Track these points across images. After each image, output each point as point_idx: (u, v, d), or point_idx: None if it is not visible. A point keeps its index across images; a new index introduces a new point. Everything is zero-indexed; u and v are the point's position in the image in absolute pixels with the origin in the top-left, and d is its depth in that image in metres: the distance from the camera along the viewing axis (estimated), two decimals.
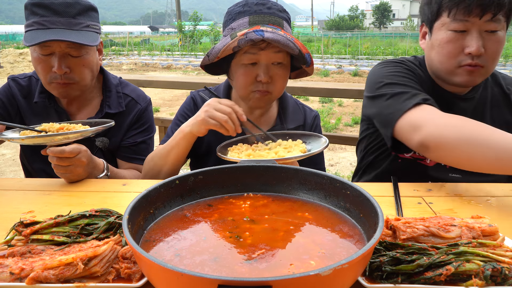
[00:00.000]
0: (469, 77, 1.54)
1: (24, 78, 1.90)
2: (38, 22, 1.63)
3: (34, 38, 1.60)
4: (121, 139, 1.88)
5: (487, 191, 1.38)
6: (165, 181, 0.96)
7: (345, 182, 0.93)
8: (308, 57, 1.53)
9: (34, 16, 1.64)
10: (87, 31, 1.69)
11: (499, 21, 1.46)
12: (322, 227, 0.89)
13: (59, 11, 1.64)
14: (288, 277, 0.59)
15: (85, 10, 1.70)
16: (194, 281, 0.61)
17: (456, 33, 1.50)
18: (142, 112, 1.93)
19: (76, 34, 1.64)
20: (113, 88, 1.90)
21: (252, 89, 1.57)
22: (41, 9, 1.63)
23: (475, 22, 1.46)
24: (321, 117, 8.37)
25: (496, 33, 1.48)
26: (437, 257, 0.83)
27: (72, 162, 1.47)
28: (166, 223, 0.92)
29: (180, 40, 33.35)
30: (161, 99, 10.87)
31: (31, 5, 1.65)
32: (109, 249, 0.87)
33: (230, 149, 1.49)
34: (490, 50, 1.49)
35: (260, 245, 0.81)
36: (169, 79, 4.32)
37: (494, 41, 1.48)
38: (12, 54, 19.31)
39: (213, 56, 1.55)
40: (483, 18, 1.45)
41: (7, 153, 6.28)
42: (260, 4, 1.56)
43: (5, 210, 1.29)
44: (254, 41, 1.44)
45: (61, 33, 1.62)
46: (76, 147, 1.48)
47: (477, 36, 1.47)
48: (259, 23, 1.52)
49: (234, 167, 1.06)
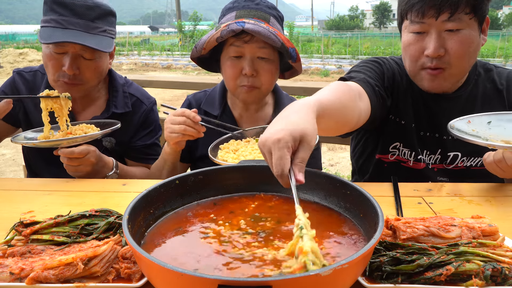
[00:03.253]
0: (432, 82, 1.51)
1: (29, 72, 1.89)
2: (56, 20, 1.63)
3: (51, 36, 1.60)
4: (128, 139, 1.89)
5: (487, 191, 1.38)
6: (165, 181, 0.96)
7: (345, 182, 0.93)
8: (293, 52, 1.56)
9: (53, 13, 1.64)
10: (103, 36, 1.69)
11: (459, 20, 1.41)
12: (322, 227, 0.89)
13: (79, 13, 1.64)
14: (288, 277, 0.59)
15: (104, 15, 1.70)
16: (194, 281, 0.61)
17: (416, 35, 1.48)
18: (148, 112, 1.94)
19: (92, 38, 1.64)
20: (120, 88, 1.90)
21: (239, 83, 1.62)
22: (61, 7, 1.63)
23: (432, 23, 1.43)
24: None
25: (459, 31, 1.42)
26: (437, 257, 0.83)
27: (81, 162, 1.56)
28: (166, 223, 0.92)
29: (180, 40, 33.33)
30: (161, 99, 10.86)
31: (51, 1, 1.65)
32: (109, 249, 0.87)
33: (221, 147, 1.52)
34: (453, 50, 1.44)
35: (260, 245, 0.81)
36: (169, 79, 4.32)
37: (456, 41, 1.43)
38: (12, 54, 19.32)
39: (200, 47, 1.62)
40: (439, 18, 1.41)
41: (7, 153, 6.28)
42: (249, 0, 1.63)
43: (5, 210, 1.29)
44: (235, 31, 1.50)
45: (78, 35, 1.62)
46: (85, 148, 1.56)
47: (435, 37, 1.43)
48: (243, 17, 1.59)
49: (234, 167, 1.06)
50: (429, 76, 1.50)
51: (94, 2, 1.67)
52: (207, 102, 1.82)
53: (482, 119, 1.46)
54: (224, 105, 1.79)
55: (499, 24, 51.08)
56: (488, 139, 1.35)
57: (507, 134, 1.39)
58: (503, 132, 1.40)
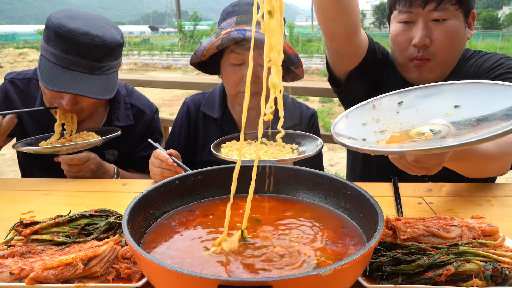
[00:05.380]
0: (418, 73, 1.55)
1: (23, 79, 1.77)
2: (58, 57, 1.49)
3: (53, 80, 1.47)
4: (131, 150, 1.85)
5: (487, 191, 1.38)
6: (165, 181, 0.96)
7: (345, 182, 0.93)
8: (295, 59, 1.54)
9: (55, 46, 1.48)
10: (108, 75, 1.57)
11: (445, 10, 1.46)
12: (322, 227, 0.89)
13: (84, 53, 1.48)
14: (288, 277, 0.59)
15: (111, 51, 1.55)
16: (194, 281, 0.61)
17: (403, 25, 1.53)
18: (150, 122, 1.89)
19: (97, 82, 1.52)
20: (122, 100, 1.82)
21: (240, 89, 1.60)
22: (66, 43, 1.47)
23: (419, 13, 1.48)
24: (321, 117, 8.37)
25: (445, 22, 1.47)
26: (437, 257, 0.83)
27: (81, 169, 1.58)
28: (166, 223, 0.92)
29: (180, 40, 33.34)
30: (161, 99, 10.86)
31: (54, 33, 1.47)
32: (109, 249, 0.87)
33: (223, 146, 1.51)
34: (438, 40, 1.48)
35: (260, 245, 0.81)
36: (169, 79, 4.32)
37: (442, 30, 1.47)
38: (12, 54, 19.31)
39: (200, 54, 1.58)
40: (426, 8, 1.46)
41: (7, 153, 6.28)
42: (250, 4, 1.59)
43: (5, 210, 1.29)
44: (236, 39, 1.47)
45: (81, 80, 1.49)
46: (85, 155, 1.56)
47: (422, 27, 1.48)
48: (244, 23, 1.55)
49: (234, 167, 1.06)
50: (415, 67, 1.55)
51: (102, 41, 1.50)
52: (206, 104, 1.79)
53: (393, 99, 1.23)
54: (224, 108, 1.77)
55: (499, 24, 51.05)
56: (385, 131, 1.09)
57: (414, 119, 1.11)
58: (412, 117, 1.13)
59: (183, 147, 1.77)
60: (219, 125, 1.74)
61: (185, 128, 1.80)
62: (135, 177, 1.83)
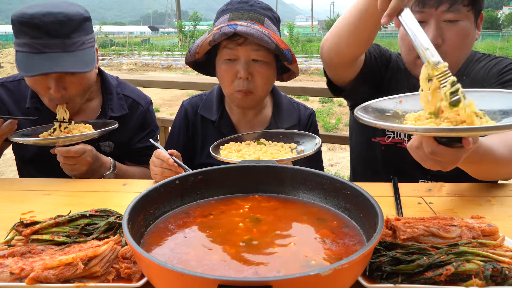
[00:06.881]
0: None
1: (13, 81, 1.78)
2: (29, 45, 1.49)
3: (29, 67, 1.48)
4: (127, 142, 1.86)
5: (487, 191, 1.38)
6: (165, 181, 0.96)
7: (345, 182, 0.93)
8: (288, 53, 1.54)
9: (24, 36, 1.50)
10: (83, 50, 1.57)
11: (458, 11, 1.45)
12: (322, 227, 0.89)
13: (52, 32, 1.49)
14: (288, 277, 0.59)
15: (79, 25, 1.55)
16: (194, 281, 0.61)
17: None
18: (145, 113, 1.90)
19: (73, 57, 1.53)
20: (113, 90, 1.84)
21: (235, 88, 1.59)
22: (31, 29, 1.48)
23: (432, 13, 1.46)
24: (321, 117, 8.37)
25: (457, 23, 1.46)
26: (437, 257, 0.83)
27: (77, 161, 1.56)
28: (166, 223, 0.92)
29: (180, 40, 33.32)
30: (161, 99, 10.86)
31: (19, 23, 1.50)
32: (109, 249, 0.87)
33: (222, 147, 1.51)
34: (450, 40, 1.47)
35: (260, 245, 0.81)
36: (169, 79, 4.31)
37: (454, 31, 1.47)
38: (12, 54, 19.30)
39: (193, 52, 1.59)
40: (439, 8, 1.45)
41: (7, 153, 6.27)
42: (243, 2, 1.61)
43: (5, 210, 1.29)
44: (227, 34, 1.48)
45: (57, 58, 1.50)
46: (81, 148, 1.55)
47: (434, 27, 1.46)
48: (236, 19, 1.56)
49: (234, 167, 1.06)
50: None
51: (65, 15, 1.51)
52: (204, 107, 1.78)
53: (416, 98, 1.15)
54: (222, 110, 1.76)
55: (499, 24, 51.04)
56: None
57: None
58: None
59: (182, 149, 1.78)
60: (217, 128, 1.74)
61: (184, 131, 1.80)
62: (132, 170, 1.83)
